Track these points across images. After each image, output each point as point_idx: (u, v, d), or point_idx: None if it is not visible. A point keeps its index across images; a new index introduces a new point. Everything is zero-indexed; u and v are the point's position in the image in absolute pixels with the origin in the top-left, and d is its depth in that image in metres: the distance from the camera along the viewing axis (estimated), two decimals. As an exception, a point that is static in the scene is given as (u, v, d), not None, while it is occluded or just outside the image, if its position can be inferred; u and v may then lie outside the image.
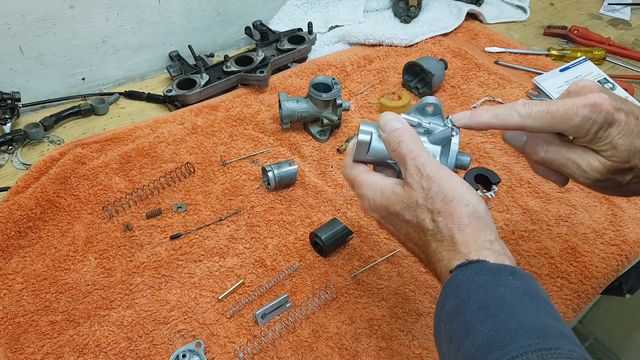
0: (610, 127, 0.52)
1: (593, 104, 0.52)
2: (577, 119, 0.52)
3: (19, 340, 0.68)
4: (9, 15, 0.95)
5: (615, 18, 1.49)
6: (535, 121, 0.54)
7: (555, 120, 0.53)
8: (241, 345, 0.68)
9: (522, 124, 0.54)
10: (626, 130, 0.53)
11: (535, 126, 0.54)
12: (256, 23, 1.26)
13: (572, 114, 0.52)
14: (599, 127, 0.52)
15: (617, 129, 0.52)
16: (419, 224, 0.52)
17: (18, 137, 0.97)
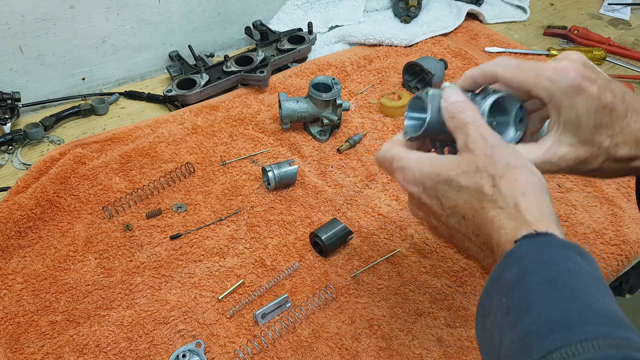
0: (576, 96, 0.51)
1: (561, 67, 0.51)
2: (542, 79, 0.52)
3: (19, 340, 0.68)
4: (9, 15, 0.95)
5: (615, 18, 1.49)
6: (505, 71, 0.54)
7: (524, 75, 0.53)
8: (241, 345, 0.68)
9: (494, 71, 0.55)
10: (595, 104, 0.51)
11: (505, 76, 0.54)
12: (256, 23, 1.26)
13: (539, 73, 0.52)
14: (563, 92, 0.51)
15: (584, 100, 0.51)
16: (477, 189, 0.48)
17: (18, 137, 0.97)
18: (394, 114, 1.07)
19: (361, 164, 0.96)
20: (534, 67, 0.53)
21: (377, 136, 1.02)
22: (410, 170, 0.53)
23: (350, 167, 0.95)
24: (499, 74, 0.55)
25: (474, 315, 0.73)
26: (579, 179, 0.94)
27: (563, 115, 0.52)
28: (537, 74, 0.52)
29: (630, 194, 0.92)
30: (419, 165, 0.53)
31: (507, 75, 0.54)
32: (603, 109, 0.51)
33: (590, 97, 0.51)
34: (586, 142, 0.52)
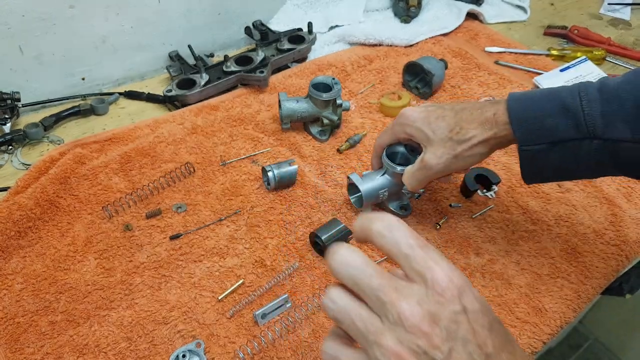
0: (415, 122, 0.74)
1: (400, 112, 0.77)
2: (395, 126, 0.78)
3: (18, 340, 0.68)
4: (8, 15, 0.95)
5: (615, 18, 1.49)
6: (380, 139, 0.82)
7: (387, 132, 0.80)
8: (241, 346, 0.68)
9: (377, 143, 0.83)
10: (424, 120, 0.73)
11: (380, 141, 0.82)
12: (256, 23, 1.26)
13: (393, 124, 0.79)
14: (408, 126, 0.75)
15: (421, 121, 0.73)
16: None
17: (18, 137, 0.97)
18: (394, 114, 1.07)
19: (361, 164, 0.96)
20: (390, 125, 0.79)
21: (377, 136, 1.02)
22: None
23: (350, 167, 0.95)
24: (377, 143, 0.82)
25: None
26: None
27: (416, 135, 0.74)
28: (391, 127, 0.79)
29: (630, 194, 0.92)
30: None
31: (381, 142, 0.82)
32: (436, 119, 0.72)
33: (423, 117, 0.73)
34: (438, 142, 0.71)
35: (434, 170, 0.72)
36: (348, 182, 0.83)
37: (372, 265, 0.39)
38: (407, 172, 0.76)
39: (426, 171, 0.73)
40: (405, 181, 0.76)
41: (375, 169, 0.85)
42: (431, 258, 0.39)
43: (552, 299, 0.75)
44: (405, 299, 0.37)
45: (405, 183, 0.76)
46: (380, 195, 0.82)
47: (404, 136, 0.76)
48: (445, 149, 0.71)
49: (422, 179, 0.74)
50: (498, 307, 0.74)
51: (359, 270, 0.39)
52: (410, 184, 0.76)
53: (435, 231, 0.84)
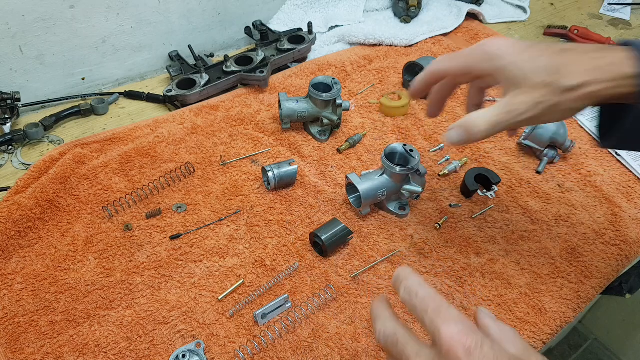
0: (502, 58, 0.59)
1: (482, 42, 0.63)
2: (473, 55, 0.63)
3: (18, 340, 0.68)
4: (9, 15, 0.95)
5: (615, 18, 1.49)
6: (443, 63, 0.66)
7: (459, 59, 0.65)
8: (241, 346, 0.68)
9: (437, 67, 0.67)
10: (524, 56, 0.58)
11: (444, 66, 0.66)
12: (256, 23, 1.26)
13: (469, 52, 0.64)
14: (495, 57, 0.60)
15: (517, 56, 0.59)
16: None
17: (18, 137, 0.97)
18: (394, 114, 1.07)
19: (361, 164, 0.96)
20: (466, 51, 0.65)
21: (377, 136, 1.02)
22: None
23: (350, 167, 0.95)
24: (440, 68, 0.66)
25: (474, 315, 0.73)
26: (579, 179, 0.94)
27: (506, 73, 0.59)
28: (469, 54, 0.64)
29: (630, 194, 0.92)
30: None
31: (447, 67, 0.65)
32: (535, 57, 0.58)
33: (518, 51, 0.59)
34: (537, 85, 0.57)
35: (522, 118, 0.57)
36: (347, 182, 0.83)
37: (405, 331, 0.47)
38: (478, 116, 0.59)
39: (511, 117, 0.58)
40: (476, 126, 0.59)
41: (417, 93, 0.70)
42: (441, 319, 0.43)
43: (552, 299, 0.75)
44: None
45: (477, 127, 0.59)
46: (379, 195, 0.82)
47: (478, 71, 0.61)
48: (540, 94, 0.56)
49: (500, 126, 0.58)
50: (498, 307, 0.74)
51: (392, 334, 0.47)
52: (485, 129, 0.58)
53: (435, 231, 0.84)
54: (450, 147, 1.00)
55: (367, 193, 0.81)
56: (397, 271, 0.50)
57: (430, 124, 1.05)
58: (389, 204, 0.86)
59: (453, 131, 0.60)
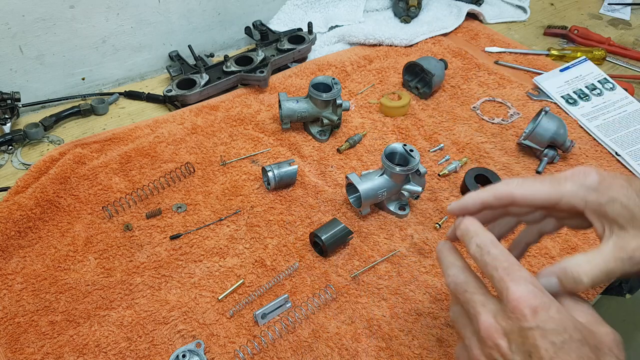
0: (609, 189, 0.48)
1: (579, 170, 0.50)
2: (567, 186, 0.49)
3: (19, 340, 0.68)
4: (9, 15, 0.95)
5: (615, 18, 1.49)
6: (524, 189, 0.51)
7: (545, 188, 0.50)
8: (241, 345, 0.68)
9: (510, 192, 0.51)
10: (630, 189, 0.48)
11: (525, 195, 0.51)
12: (256, 23, 1.26)
13: (559, 181, 0.50)
14: (596, 190, 0.48)
15: (619, 189, 0.48)
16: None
17: (18, 137, 0.97)
18: (394, 114, 1.07)
19: (361, 163, 0.96)
20: (553, 177, 0.51)
21: (377, 136, 1.02)
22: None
23: (350, 167, 0.95)
24: (517, 195, 0.51)
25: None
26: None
27: (609, 211, 0.48)
28: (559, 182, 0.50)
29: (630, 194, 0.91)
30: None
31: (526, 194, 0.50)
32: (637, 186, 0.48)
33: (620, 184, 0.48)
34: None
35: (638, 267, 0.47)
36: (347, 182, 0.83)
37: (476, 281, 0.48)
38: (585, 261, 0.47)
39: (627, 265, 0.47)
40: (580, 275, 0.47)
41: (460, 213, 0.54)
42: (511, 278, 0.44)
43: (552, 299, 0.75)
44: (484, 313, 0.45)
45: (582, 277, 0.47)
46: (379, 195, 0.82)
47: (577, 203, 0.49)
48: None
49: (613, 275, 0.47)
50: (498, 307, 0.74)
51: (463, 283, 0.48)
52: (592, 280, 0.47)
53: (435, 231, 0.84)
54: (450, 147, 1.00)
55: (367, 193, 0.81)
56: (466, 225, 0.50)
57: (430, 124, 1.05)
58: (389, 204, 0.86)
59: (549, 279, 0.48)
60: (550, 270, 0.48)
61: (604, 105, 1.10)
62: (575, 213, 0.50)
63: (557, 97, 1.13)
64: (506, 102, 1.11)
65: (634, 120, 1.05)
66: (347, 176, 0.82)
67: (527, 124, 1.01)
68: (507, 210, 0.56)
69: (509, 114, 1.09)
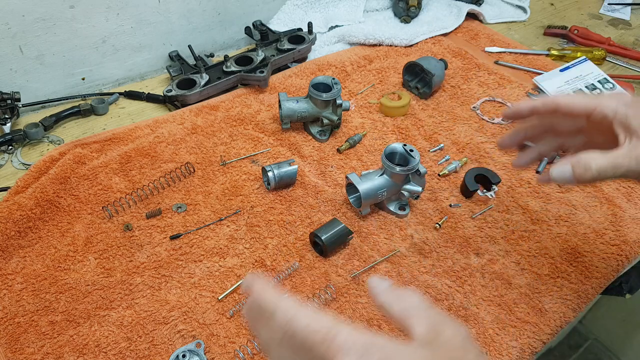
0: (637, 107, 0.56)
1: (617, 92, 0.61)
2: (604, 99, 0.58)
3: (19, 340, 0.68)
4: (9, 15, 0.95)
5: (615, 18, 1.49)
6: (567, 99, 0.60)
7: (585, 99, 0.59)
8: (241, 345, 0.68)
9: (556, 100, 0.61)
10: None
11: (568, 103, 0.60)
12: (256, 23, 1.26)
13: (598, 96, 0.59)
14: (627, 105, 0.56)
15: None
16: None
17: (18, 137, 0.97)
18: (394, 114, 1.07)
19: (361, 163, 0.96)
20: (591, 94, 0.61)
21: (377, 136, 1.02)
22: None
23: (350, 167, 0.95)
24: (561, 102, 0.61)
25: (474, 315, 0.73)
26: (579, 179, 0.94)
27: (632, 124, 0.56)
28: (597, 97, 0.59)
29: (630, 194, 0.92)
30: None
31: (568, 101, 0.60)
32: None
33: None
34: None
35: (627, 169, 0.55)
36: (347, 182, 0.83)
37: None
38: (597, 155, 0.56)
39: (634, 164, 0.55)
40: (594, 162, 0.56)
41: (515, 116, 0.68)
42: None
43: (552, 299, 0.75)
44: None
45: (593, 167, 0.56)
46: (379, 195, 0.82)
47: (609, 113, 0.57)
48: None
49: (620, 169, 0.56)
50: (498, 307, 0.74)
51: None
52: (602, 166, 0.55)
53: (435, 231, 0.84)
54: (450, 147, 1.01)
55: (367, 193, 0.81)
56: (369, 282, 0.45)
57: (430, 124, 1.05)
58: (389, 204, 0.86)
59: (564, 167, 0.57)
60: (566, 160, 0.57)
61: (604, 105, 1.09)
62: (605, 126, 0.58)
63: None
64: (506, 102, 1.11)
65: (634, 120, 1.05)
66: (347, 176, 0.82)
67: (527, 124, 1.01)
68: (551, 123, 0.65)
69: (509, 114, 1.08)
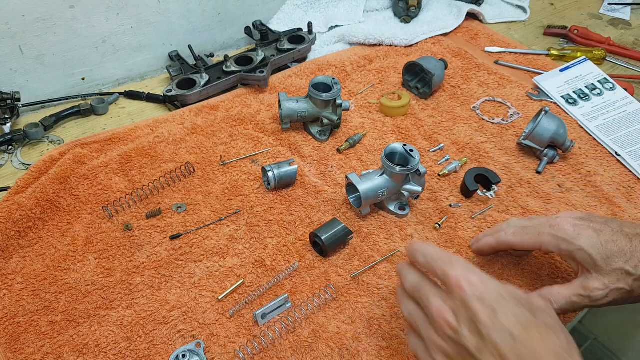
0: (577, 240, 0.61)
1: (557, 223, 0.64)
2: (544, 237, 0.64)
3: (19, 340, 0.68)
4: (9, 15, 0.95)
5: (615, 18, 1.49)
6: (515, 239, 0.68)
7: (529, 237, 0.67)
8: (241, 345, 0.68)
9: (507, 240, 0.69)
10: (597, 241, 0.61)
11: (517, 244, 0.68)
12: (256, 23, 1.26)
13: (541, 233, 0.65)
14: (566, 242, 0.62)
15: (586, 240, 0.61)
16: None
17: (18, 137, 0.97)
18: (394, 114, 1.07)
19: (361, 163, 0.96)
20: (536, 227, 0.66)
21: (377, 136, 1.02)
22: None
23: (350, 167, 0.95)
24: (512, 241, 0.69)
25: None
26: (579, 179, 0.94)
27: (577, 257, 0.62)
28: (540, 233, 0.65)
29: (630, 194, 0.91)
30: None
31: (517, 241, 0.68)
32: (606, 242, 0.61)
33: (588, 236, 0.61)
34: (609, 272, 0.60)
35: (598, 303, 0.62)
36: (347, 182, 0.83)
37: (426, 280, 0.57)
38: (555, 292, 0.64)
39: (587, 302, 0.62)
40: (553, 302, 0.64)
41: (480, 254, 0.78)
42: (448, 266, 0.53)
43: (552, 299, 0.75)
44: (434, 299, 0.54)
45: (554, 304, 0.64)
46: (379, 195, 0.82)
47: (553, 250, 0.64)
48: (617, 281, 0.60)
49: (577, 307, 0.63)
50: (498, 307, 0.74)
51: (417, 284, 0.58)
52: (560, 307, 0.64)
53: (435, 231, 0.84)
54: (450, 147, 1.01)
55: (367, 193, 0.81)
56: (412, 244, 0.60)
57: (430, 124, 1.05)
58: (389, 204, 0.86)
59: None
60: (539, 292, 0.65)
61: (604, 105, 1.10)
62: (559, 254, 0.66)
63: (557, 97, 1.13)
64: (506, 102, 1.11)
65: (634, 120, 1.06)
66: (347, 176, 0.82)
67: (527, 124, 1.01)
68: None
69: (509, 114, 1.09)
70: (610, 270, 0.60)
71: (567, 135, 0.95)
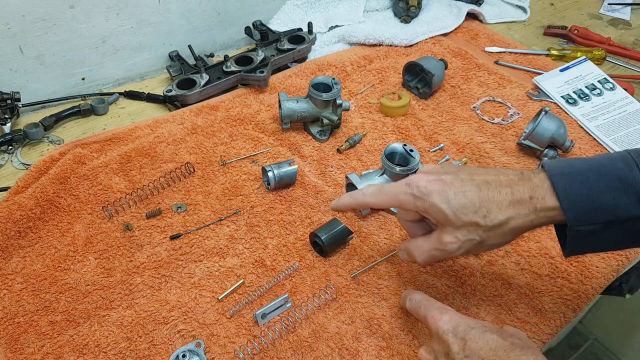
0: (428, 196, 0.61)
1: (409, 180, 0.63)
2: (400, 197, 0.63)
3: (18, 340, 0.68)
4: (9, 15, 0.95)
5: (615, 18, 1.49)
6: (373, 198, 0.67)
7: (386, 197, 0.66)
8: (241, 346, 0.68)
9: (364, 200, 0.68)
10: (445, 196, 0.60)
11: (374, 203, 0.67)
12: (256, 23, 1.26)
13: (397, 193, 0.64)
14: (417, 199, 0.62)
15: (437, 196, 0.60)
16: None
17: (18, 137, 0.97)
18: (394, 114, 1.07)
19: (361, 164, 0.96)
20: (393, 187, 0.65)
21: (377, 136, 1.02)
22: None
23: (350, 167, 0.95)
24: (369, 201, 0.68)
25: (474, 315, 0.73)
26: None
27: (431, 213, 0.62)
28: (396, 193, 0.64)
29: (630, 194, 0.91)
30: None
31: (374, 201, 0.67)
32: (455, 195, 0.60)
33: (439, 191, 0.60)
34: (460, 226, 0.60)
35: (452, 255, 0.63)
36: (347, 182, 0.83)
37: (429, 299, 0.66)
38: (418, 246, 0.66)
39: (443, 254, 0.64)
40: (416, 256, 0.66)
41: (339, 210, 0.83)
42: (428, 310, 0.63)
43: (552, 299, 0.75)
44: (420, 349, 0.63)
45: (416, 257, 0.66)
46: None
47: (411, 208, 0.64)
48: (468, 233, 0.60)
49: (436, 258, 0.66)
50: (498, 307, 0.74)
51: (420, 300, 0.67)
52: (423, 260, 0.66)
53: (435, 231, 0.84)
54: (450, 147, 1.01)
55: None
56: (404, 292, 0.70)
57: (430, 124, 1.05)
58: None
59: (401, 252, 0.70)
60: (403, 246, 0.69)
61: (604, 105, 1.10)
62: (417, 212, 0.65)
63: (557, 97, 1.13)
64: (506, 102, 1.11)
65: (634, 120, 1.06)
66: (347, 176, 0.82)
67: (527, 124, 1.01)
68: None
69: (509, 114, 1.09)
70: (460, 224, 0.60)
71: (567, 135, 0.95)
